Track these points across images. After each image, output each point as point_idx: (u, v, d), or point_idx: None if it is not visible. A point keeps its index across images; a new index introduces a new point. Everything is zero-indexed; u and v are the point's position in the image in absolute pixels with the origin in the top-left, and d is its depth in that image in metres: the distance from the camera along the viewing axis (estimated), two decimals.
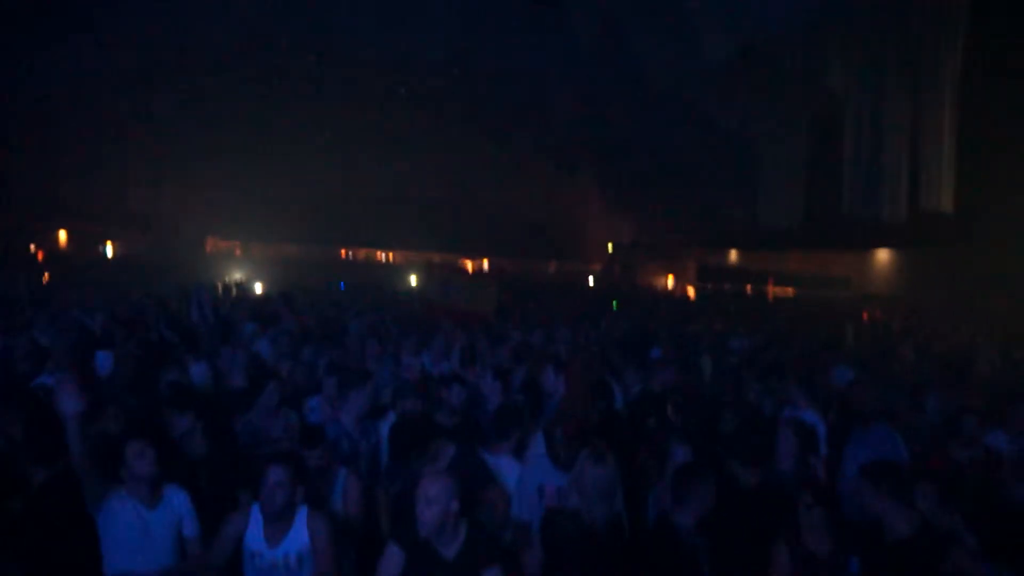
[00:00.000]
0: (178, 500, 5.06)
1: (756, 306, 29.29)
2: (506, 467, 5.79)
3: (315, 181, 35.92)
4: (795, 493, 5.02)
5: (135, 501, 4.94)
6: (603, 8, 27.56)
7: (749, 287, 34.14)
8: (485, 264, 45.33)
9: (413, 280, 32.57)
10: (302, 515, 4.88)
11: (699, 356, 12.10)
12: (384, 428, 6.57)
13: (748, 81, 27.46)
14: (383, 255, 44.62)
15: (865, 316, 24.08)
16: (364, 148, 36.11)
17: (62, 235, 35.08)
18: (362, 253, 44.23)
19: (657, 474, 5.91)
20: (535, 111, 35.13)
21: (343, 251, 43.81)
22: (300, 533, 4.85)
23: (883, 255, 32.24)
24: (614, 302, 26.26)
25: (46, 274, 25.55)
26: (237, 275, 28.99)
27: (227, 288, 25.21)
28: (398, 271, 37.51)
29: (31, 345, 9.08)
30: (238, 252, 39.65)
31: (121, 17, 28.68)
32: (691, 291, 36.14)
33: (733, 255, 40.57)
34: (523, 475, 5.58)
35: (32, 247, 32.25)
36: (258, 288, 27.47)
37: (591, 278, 44.25)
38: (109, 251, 36.43)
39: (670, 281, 40.19)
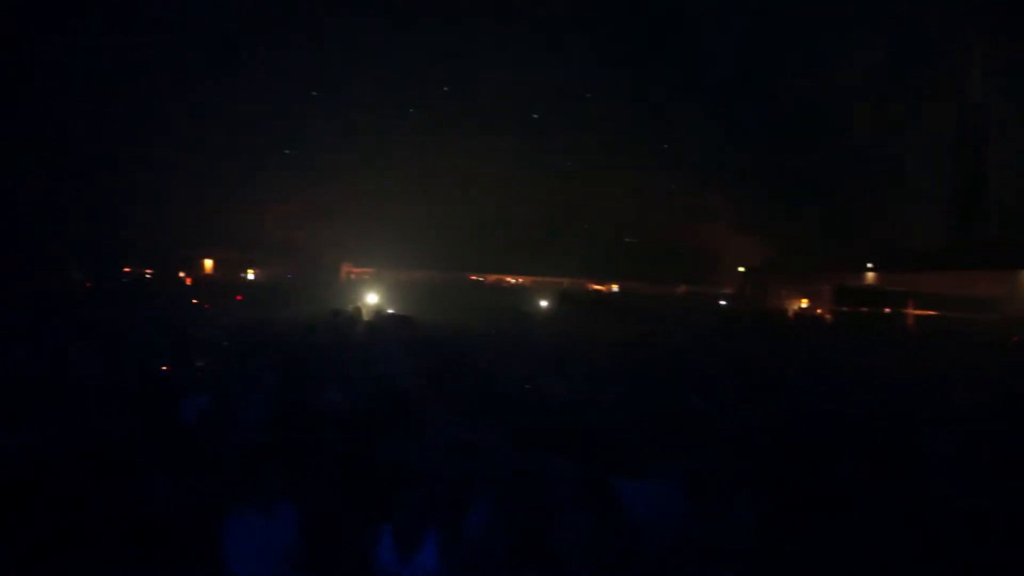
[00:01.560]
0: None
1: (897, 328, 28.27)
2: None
3: (445, 209, 36.47)
4: None
5: None
6: (734, 27, 27.27)
7: (888, 309, 32.88)
8: (615, 287, 45.05)
9: (543, 303, 32.61)
10: None
11: None
12: None
13: (888, 97, 26.67)
14: (512, 279, 44.84)
15: (1015, 340, 22.90)
16: (492, 175, 36.46)
17: (208, 262, 37.01)
18: (492, 278, 44.58)
19: None
20: (663, 132, 34.86)
21: (472, 276, 44.23)
22: None
23: None
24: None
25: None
26: (371, 299, 29.53)
27: (359, 312, 25.69)
28: (527, 293, 37.64)
29: None
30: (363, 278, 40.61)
31: (263, 59, 30.06)
32: (823, 313, 35.06)
33: (870, 277, 39.20)
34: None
35: (181, 273, 34.24)
36: (390, 312, 27.95)
37: (722, 301, 43.41)
38: (251, 276, 38.08)
39: (804, 304, 39.06)
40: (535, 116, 35.28)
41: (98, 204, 30.72)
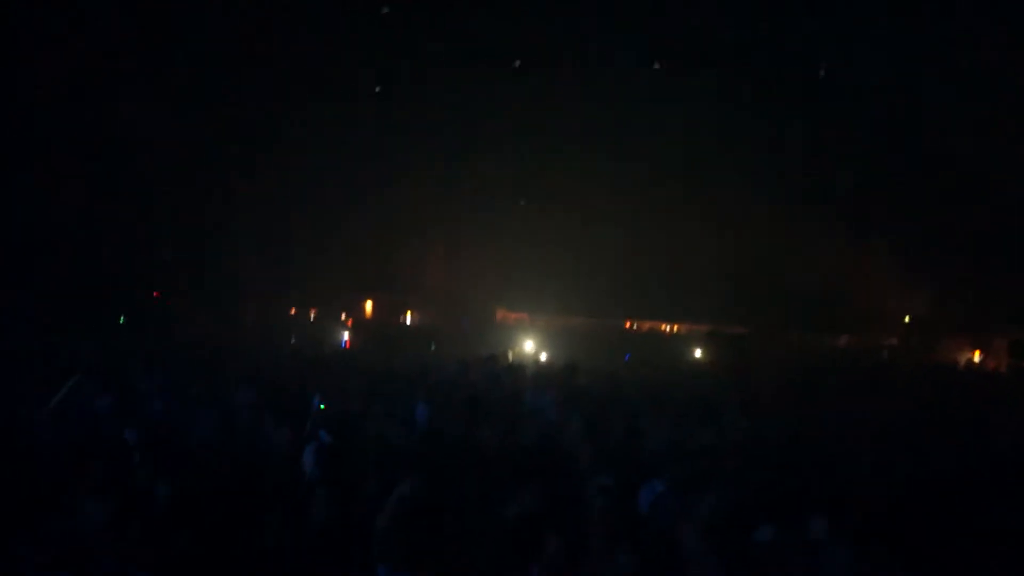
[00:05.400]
0: None
1: None
2: None
3: (600, 255, 36.57)
4: None
5: None
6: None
7: None
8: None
9: (697, 353, 32.25)
10: None
11: None
12: None
13: None
14: (667, 327, 44.27)
15: None
16: (652, 222, 36.43)
17: (368, 305, 38.81)
18: (646, 325, 44.17)
19: None
20: (820, 177, 34.20)
21: (627, 323, 43.96)
22: None
23: None
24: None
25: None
26: (526, 345, 29.97)
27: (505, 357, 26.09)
28: (683, 341, 37.23)
29: None
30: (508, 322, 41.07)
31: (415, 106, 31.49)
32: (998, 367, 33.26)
33: None
34: None
35: (343, 315, 36.10)
36: (543, 357, 28.27)
37: (885, 353, 41.59)
38: (408, 320, 39.63)
39: (976, 357, 37.11)
40: (695, 164, 35.11)
41: (267, 249, 32.69)
